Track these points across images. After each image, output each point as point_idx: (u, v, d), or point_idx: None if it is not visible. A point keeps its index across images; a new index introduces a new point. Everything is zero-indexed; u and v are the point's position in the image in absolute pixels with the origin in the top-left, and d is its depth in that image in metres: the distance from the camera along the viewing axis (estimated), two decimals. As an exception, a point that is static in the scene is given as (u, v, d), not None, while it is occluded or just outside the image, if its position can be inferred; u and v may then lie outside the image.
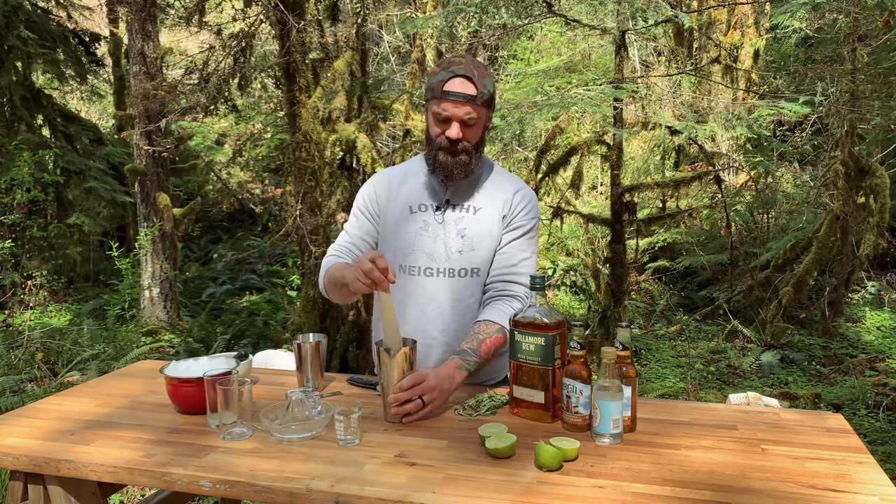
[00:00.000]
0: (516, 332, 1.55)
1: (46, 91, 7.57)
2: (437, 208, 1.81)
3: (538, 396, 1.54)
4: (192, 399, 1.61)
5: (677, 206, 8.31)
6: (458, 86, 1.68)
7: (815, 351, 5.49)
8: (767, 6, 7.17)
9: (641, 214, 7.70)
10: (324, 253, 4.84)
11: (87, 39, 7.73)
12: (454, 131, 1.70)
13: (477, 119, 1.71)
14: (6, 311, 6.37)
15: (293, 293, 7.88)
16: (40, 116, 7.25)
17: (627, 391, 1.47)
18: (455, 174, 1.75)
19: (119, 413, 1.66)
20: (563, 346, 1.54)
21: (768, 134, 6.50)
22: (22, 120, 6.97)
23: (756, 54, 8.03)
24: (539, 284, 1.54)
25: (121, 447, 1.45)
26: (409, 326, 1.80)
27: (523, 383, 1.56)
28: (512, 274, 1.78)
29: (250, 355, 1.87)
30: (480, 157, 1.80)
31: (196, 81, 5.25)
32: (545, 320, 1.51)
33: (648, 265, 8.18)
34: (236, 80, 5.30)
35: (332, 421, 1.48)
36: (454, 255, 1.77)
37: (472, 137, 1.73)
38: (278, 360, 2.22)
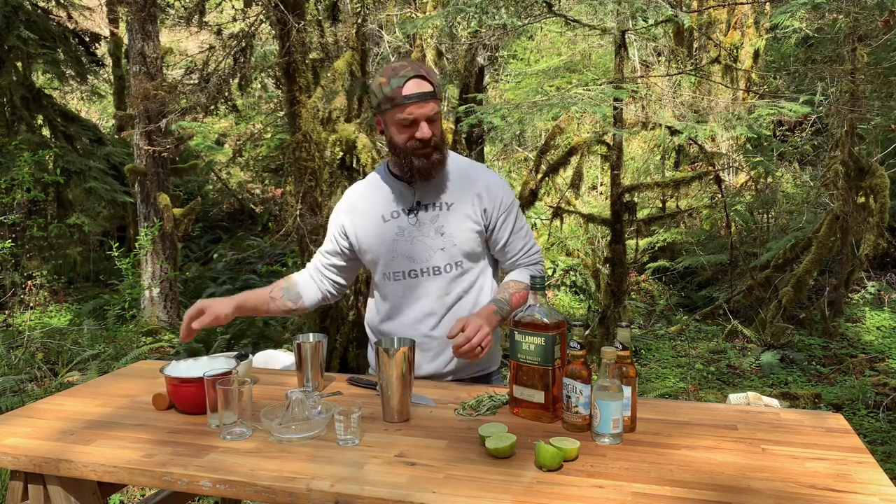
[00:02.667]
0: (516, 332, 1.55)
1: (46, 91, 7.57)
2: (410, 211, 1.84)
3: (538, 396, 1.54)
4: (192, 399, 1.61)
5: (677, 206, 8.31)
6: (415, 87, 1.71)
7: (815, 351, 5.49)
8: (767, 6, 7.17)
9: (641, 214, 7.70)
10: (324, 253, 4.85)
11: (87, 39, 7.72)
12: (425, 131, 1.73)
13: (438, 113, 1.76)
14: (6, 311, 6.36)
15: (293, 293, 7.86)
16: (40, 116, 7.24)
17: (627, 391, 1.47)
18: (433, 174, 1.80)
19: (119, 413, 1.66)
20: (563, 345, 1.54)
21: (768, 134, 6.50)
22: (22, 120, 6.97)
23: (756, 54, 8.03)
24: (539, 284, 1.54)
25: (121, 447, 1.45)
26: (405, 330, 1.86)
27: (523, 383, 1.56)
28: (525, 252, 1.90)
29: (250, 355, 1.87)
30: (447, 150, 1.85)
31: (196, 81, 5.24)
32: (545, 320, 1.51)
33: (648, 265, 8.18)
34: (236, 80, 5.30)
35: (332, 421, 1.48)
36: (436, 253, 1.81)
37: (438, 132, 1.77)
38: (278, 360, 2.22)
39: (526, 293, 1.82)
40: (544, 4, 4.85)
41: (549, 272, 8.09)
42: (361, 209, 1.91)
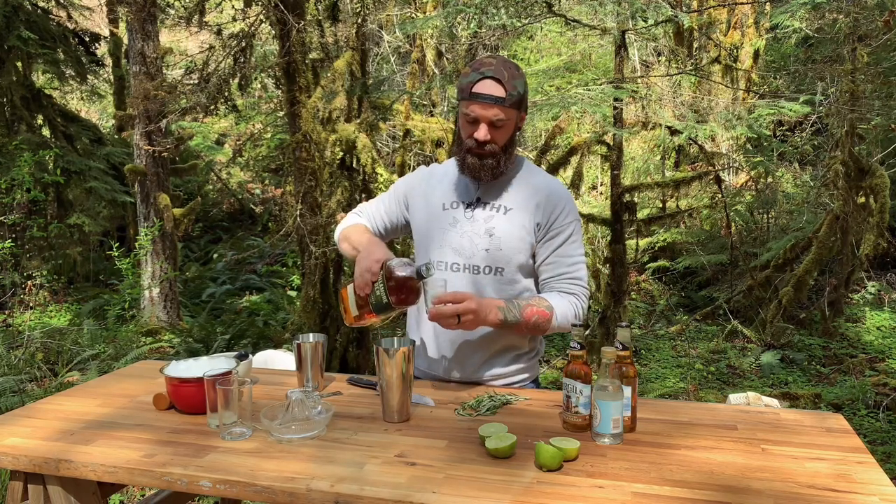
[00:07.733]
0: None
1: (46, 91, 7.57)
2: (468, 205, 1.83)
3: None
4: (192, 399, 1.61)
5: (677, 206, 8.31)
6: (486, 87, 1.69)
7: (815, 351, 5.49)
8: (767, 6, 7.17)
9: (641, 214, 7.69)
10: (324, 253, 4.85)
11: (87, 39, 7.72)
12: (481, 133, 1.71)
13: (506, 121, 1.72)
14: (6, 311, 6.36)
15: (293, 293, 7.87)
16: (40, 116, 7.24)
17: (627, 391, 1.47)
18: (482, 176, 1.77)
19: (119, 413, 1.66)
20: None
21: (768, 134, 6.49)
22: (22, 120, 6.97)
23: (756, 54, 8.03)
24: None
25: (121, 447, 1.45)
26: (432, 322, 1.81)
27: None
28: (566, 278, 1.80)
29: (250, 355, 1.87)
30: (510, 158, 1.80)
31: (196, 81, 5.24)
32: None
33: (648, 265, 8.18)
34: (236, 80, 5.29)
35: (332, 421, 1.48)
36: (479, 252, 1.78)
37: (499, 139, 1.74)
38: (278, 360, 2.22)
39: (546, 313, 1.72)
40: (544, 4, 4.85)
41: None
42: (434, 182, 1.90)
